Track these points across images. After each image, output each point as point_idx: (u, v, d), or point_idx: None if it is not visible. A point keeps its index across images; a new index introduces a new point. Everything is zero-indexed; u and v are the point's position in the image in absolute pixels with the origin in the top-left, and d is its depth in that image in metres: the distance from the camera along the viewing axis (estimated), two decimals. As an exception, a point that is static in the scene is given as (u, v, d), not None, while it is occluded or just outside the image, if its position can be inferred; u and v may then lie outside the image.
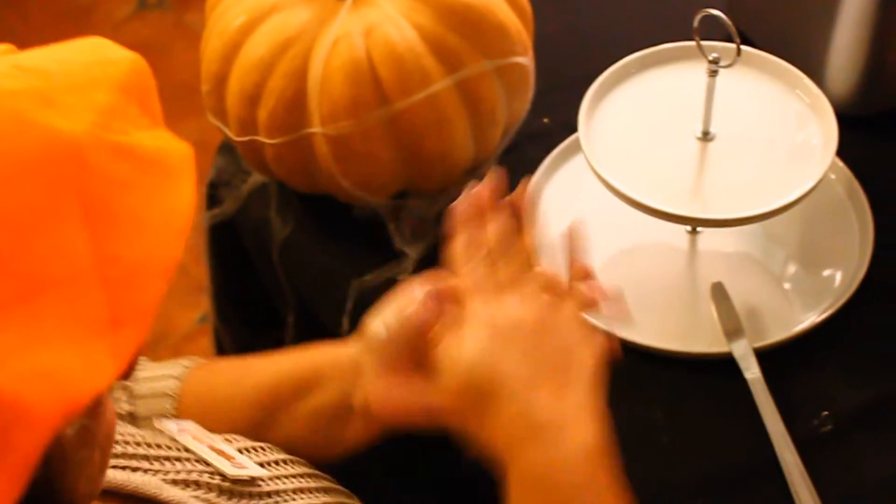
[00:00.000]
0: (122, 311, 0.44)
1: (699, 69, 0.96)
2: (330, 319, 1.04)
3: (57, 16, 2.45)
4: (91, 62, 0.50)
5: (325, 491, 0.80)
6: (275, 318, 1.14)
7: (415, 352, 0.78)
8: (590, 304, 0.80)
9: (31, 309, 0.42)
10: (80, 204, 0.44)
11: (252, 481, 0.75)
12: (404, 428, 0.82)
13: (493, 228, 0.81)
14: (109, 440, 0.56)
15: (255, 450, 0.80)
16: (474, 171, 1.06)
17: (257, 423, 0.84)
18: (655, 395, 0.95)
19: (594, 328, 0.79)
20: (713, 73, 0.94)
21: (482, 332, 0.75)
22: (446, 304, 0.77)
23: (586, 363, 0.76)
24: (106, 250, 0.44)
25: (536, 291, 0.78)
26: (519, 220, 0.82)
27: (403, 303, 0.80)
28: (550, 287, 0.78)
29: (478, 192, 0.82)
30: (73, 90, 0.47)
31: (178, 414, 0.84)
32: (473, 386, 0.74)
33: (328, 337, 1.06)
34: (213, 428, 0.79)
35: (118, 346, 0.44)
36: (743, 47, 0.94)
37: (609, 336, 0.79)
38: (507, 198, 0.83)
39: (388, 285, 1.02)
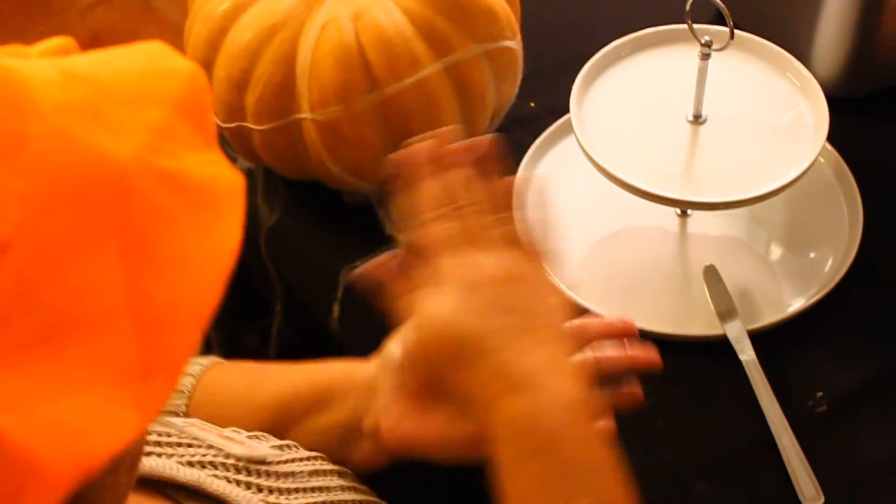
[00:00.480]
0: (153, 360, 0.40)
1: (691, 52, 0.96)
2: (319, 307, 1.03)
3: (20, 1, 2.42)
4: (147, 72, 0.47)
5: (336, 474, 0.79)
6: (262, 307, 1.13)
7: (429, 378, 0.75)
8: (546, 257, 0.78)
9: (54, 350, 0.38)
10: (118, 235, 0.41)
11: (266, 462, 0.73)
12: (410, 455, 0.78)
13: (457, 178, 0.78)
14: (136, 461, 0.52)
15: (262, 437, 0.79)
16: (463, 156, 1.05)
17: (267, 430, 0.81)
18: (650, 379, 0.94)
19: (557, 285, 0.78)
20: (705, 57, 0.94)
21: (452, 289, 0.73)
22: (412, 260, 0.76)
23: (556, 318, 0.75)
24: (141, 289, 0.40)
25: (504, 244, 0.76)
26: (484, 168, 0.79)
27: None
28: (515, 242, 0.76)
29: (436, 142, 0.79)
30: (125, 104, 0.44)
31: (188, 412, 0.82)
32: (448, 343, 0.72)
33: (316, 327, 1.05)
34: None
35: (145, 400, 0.40)
36: (735, 31, 0.94)
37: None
38: (468, 143, 0.80)
39: (379, 272, 1.02)
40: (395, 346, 0.79)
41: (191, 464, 0.70)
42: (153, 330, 0.40)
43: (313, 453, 0.80)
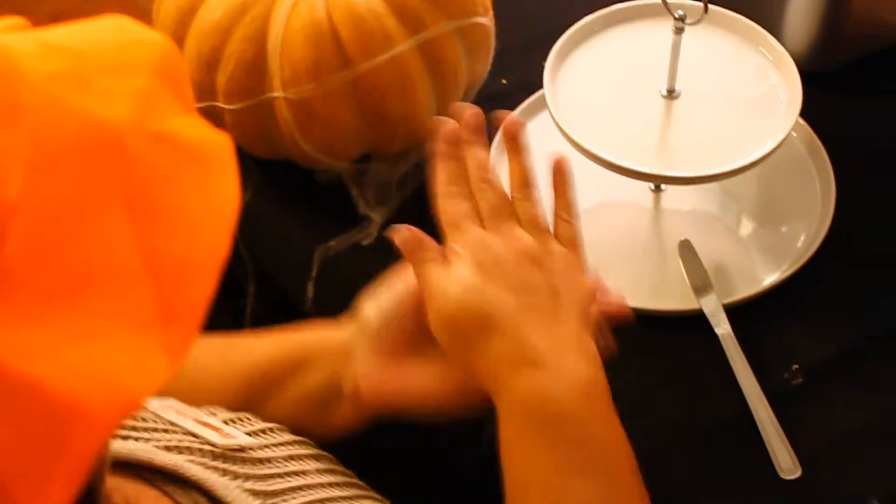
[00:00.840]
0: (173, 308, 0.41)
1: (664, 27, 0.95)
2: (293, 287, 1.03)
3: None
4: (121, 43, 0.47)
5: (315, 458, 0.78)
6: (235, 288, 1.12)
7: (407, 336, 0.78)
8: (571, 243, 0.79)
9: (77, 303, 0.39)
10: (122, 196, 0.41)
11: (242, 449, 0.73)
12: (393, 414, 0.80)
13: (472, 160, 0.80)
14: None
15: (241, 420, 0.78)
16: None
17: (244, 401, 0.82)
18: (626, 353, 0.95)
19: (581, 267, 0.79)
20: (679, 31, 0.94)
21: (468, 267, 0.74)
22: (427, 240, 0.77)
23: (575, 299, 0.76)
24: (151, 244, 0.41)
25: (520, 225, 0.78)
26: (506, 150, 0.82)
27: (399, 286, 0.80)
28: (534, 221, 0.78)
29: (454, 126, 0.81)
30: (108, 73, 0.44)
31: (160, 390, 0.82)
32: (462, 320, 0.73)
33: (289, 306, 1.04)
34: (198, 404, 0.77)
35: (171, 343, 0.41)
36: (709, 5, 0.94)
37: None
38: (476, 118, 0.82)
39: (353, 251, 1.01)
40: (369, 308, 0.80)
41: (168, 448, 0.70)
42: (168, 280, 0.41)
43: (290, 437, 0.79)
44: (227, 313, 1.14)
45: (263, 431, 0.78)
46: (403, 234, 0.77)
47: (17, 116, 0.40)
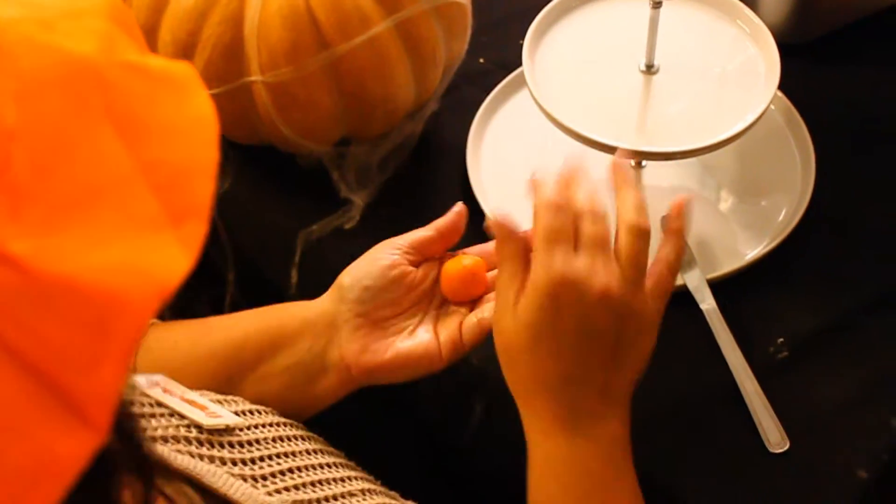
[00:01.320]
0: (178, 209, 0.43)
1: (642, 2, 0.95)
2: (276, 273, 1.02)
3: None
4: None
5: (303, 438, 0.78)
6: (215, 276, 1.11)
7: (389, 306, 0.81)
8: (664, 294, 0.78)
9: (90, 212, 0.41)
10: (108, 118, 0.43)
11: (229, 430, 0.73)
12: (380, 382, 0.83)
13: (585, 191, 0.78)
14: None
15: (228, 401, 0.78)
16: (415, 115, 1.04)
17: (226, 379, 0.83)
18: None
19: (654, 331, 0.78)
20: (656, 5, 0.94)
21: (541, 297, 0.74)
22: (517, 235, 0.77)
23: (637, 362, 0.77)
24: (144, 157, 0.43)
25: (613, 259, 0.75)
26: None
27: (380, 257, 0.82)
28: (634, 263, 0.75)
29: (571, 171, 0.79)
30: (67, 17, 0.46)
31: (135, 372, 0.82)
32: (518, 357, 0.75)
33: (271, 293, 1.04)
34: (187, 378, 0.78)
35: (184, 239, 0.43)
36: (686, -22, 0.94)
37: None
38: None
39: (335, 234, 1.01)
40: (348, 279, 0.82)
41: (154, 439, 0.70)
42: (167, 186, 0.44)
43: (278, 418, 0.79)
44: (207, 302, 1.14)
45: (251, 412, 0.78)
46: (497, 219, 0.77)
47: None
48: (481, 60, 1.12)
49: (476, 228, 0.87)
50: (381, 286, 0.82)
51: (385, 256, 0.82)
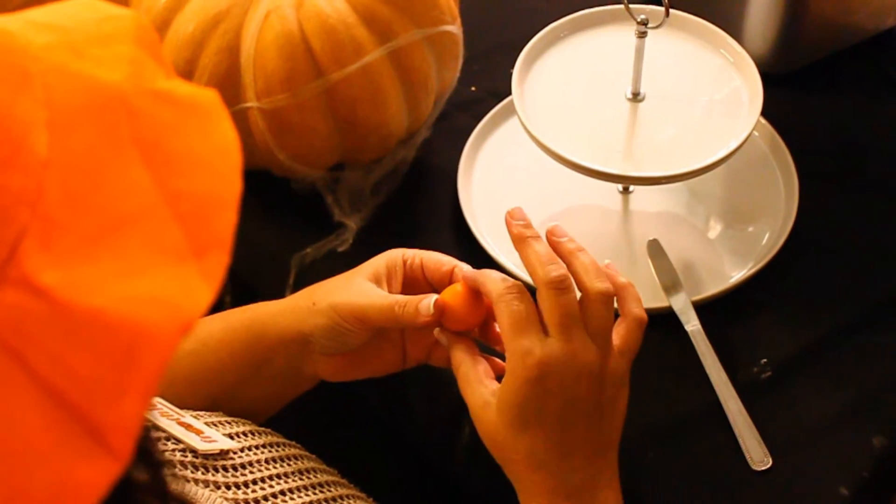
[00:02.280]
0: (201, 241, 0.44)
1: (628, 31, 0.98)
2: (271, 295, 1.03)
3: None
4: (98, 18, 0.49)
5: (296, 458, 0.80)
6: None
7: (358, 327, 0.83)
8: (634, 349, 0.80)
9: (118, 243, 0.42)
10: (136, 147, 0.44)
11: (223, 454, 0.75)
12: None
13: (586, 257, 0.79)
14: None
15: (222, 423, 0.79)
16: (407, 141, 1.07)
17: (212, 400, 0.85)
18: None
19: (626, 382, 0.79)
20: (642, 35, 0.96)
21: (522, 384, 0.75)
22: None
23: (619, 419, 0.79)
24: (170, 187, 0.44)
25: (584, 331, 0.76)
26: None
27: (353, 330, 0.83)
28: (603, 330, 0.77)
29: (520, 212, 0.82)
30: (95, 43, 0.47)
31: None
32: (506, 444, 0.77)
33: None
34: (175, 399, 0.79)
35: (207, 270, 0.44)
36: (670, 9, 0.96)
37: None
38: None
39: (329, 257, 1.03)
40: (310, 320, 0.83)
41: None
42: (191, 218, 0.44)
43: (272, 439, 0.81)
44: (205, 323, 1.15)
45: (245, 434, 0.79)
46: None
47: (28, 83, 0.43)
48: (473, 88, 1.15)
49: (465, 256, 0.89)
50: (352, 346, 0.84)
51: (353, 330, 0.83)
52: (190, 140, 0.46)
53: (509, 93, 1.01)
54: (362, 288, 0.83)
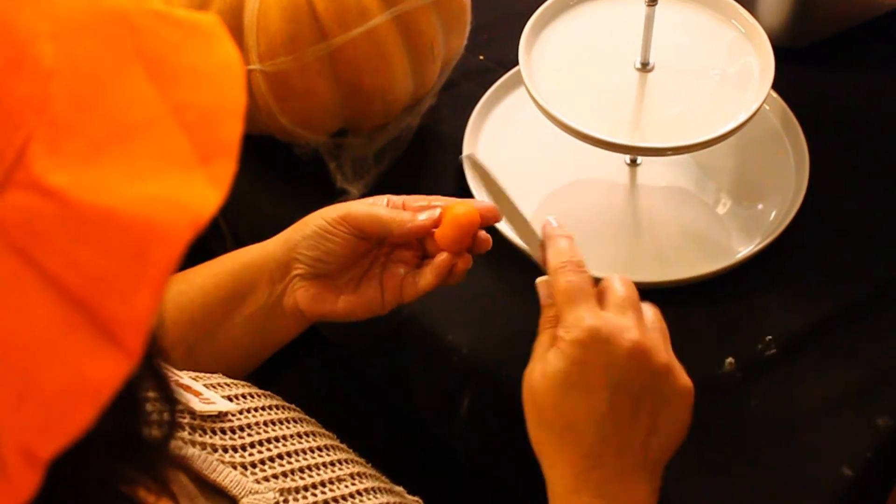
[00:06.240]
0: (207, 148, 0.45)
1: (637, 0, 0.96)
2: (271, 261, 1.03)
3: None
4: None
5: (296, 421, 0.79)
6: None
7: (341, 267, 0.85)
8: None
9: (125, 149, 0.43)
10: (139, 61, 0.45)
11: (221, 416, 0.74)
12: (330, 321, 0.88)
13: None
14: None
15: (221, 385, 0.79)
16: (412, 108, 1.05)
17: (201, 328, 0.87)
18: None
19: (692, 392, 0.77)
20: (652, 3, 0.95)
21: (570, 346, 0.74)
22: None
23: (676, 417, 0.76)
24: (174, 98, 0.45)
25: (643, 318, 0.76)
26: None
27: (333, 234, 0.84)
28: (659, 327, 0.77)
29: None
30: None
31: None
32: (545, 404, 0.75)
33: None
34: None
35: (214, 176, 0.44)
36: (681, -23, 0.95)
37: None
38: None
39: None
40: (302, 245, 0.85)
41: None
42: (196, 126, 0.45)
43: (270, 402, 0.80)
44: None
45: (244, 396, 0.78)
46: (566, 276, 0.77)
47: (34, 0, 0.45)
48: (481, 57, 1.13)
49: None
50: (333, 260, 0.85)
51: (337, 235, 0.84)
52: (193, 56, 0.47)
53: (517, 62, 0.99)
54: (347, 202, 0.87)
